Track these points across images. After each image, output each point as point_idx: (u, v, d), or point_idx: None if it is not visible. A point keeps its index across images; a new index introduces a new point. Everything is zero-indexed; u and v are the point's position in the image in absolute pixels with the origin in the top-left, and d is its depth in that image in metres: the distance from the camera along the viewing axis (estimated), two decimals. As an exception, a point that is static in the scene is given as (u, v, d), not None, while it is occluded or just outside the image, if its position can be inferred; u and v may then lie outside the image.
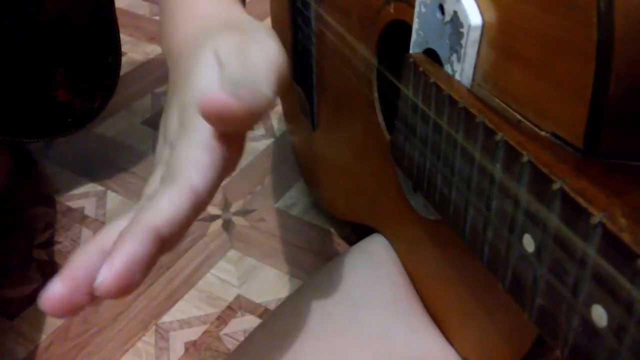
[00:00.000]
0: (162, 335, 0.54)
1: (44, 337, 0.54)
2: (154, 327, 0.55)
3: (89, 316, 0.56)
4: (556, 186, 0.21)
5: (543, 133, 0.25)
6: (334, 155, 0.56)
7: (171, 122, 0.28)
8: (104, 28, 0.63)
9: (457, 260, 0.36)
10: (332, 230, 0.64)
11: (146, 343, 0.54)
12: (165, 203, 0.24)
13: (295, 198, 0.68)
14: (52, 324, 0.55)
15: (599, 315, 0.19)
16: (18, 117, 0.61)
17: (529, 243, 0.23)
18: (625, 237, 0.18)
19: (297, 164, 0.69)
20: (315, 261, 0.60)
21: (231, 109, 0.23)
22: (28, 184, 0.71)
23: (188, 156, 0.25)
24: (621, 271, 0.18)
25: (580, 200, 0.20)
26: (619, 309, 0.18)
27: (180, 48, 0.31)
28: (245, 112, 0.24)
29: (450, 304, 0.39)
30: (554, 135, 0.24)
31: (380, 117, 0.42)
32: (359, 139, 0.48)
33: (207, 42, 0.29)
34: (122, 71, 0.85)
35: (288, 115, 0.70)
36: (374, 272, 0.45)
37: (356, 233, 0.60)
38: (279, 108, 0.80)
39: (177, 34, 0.33)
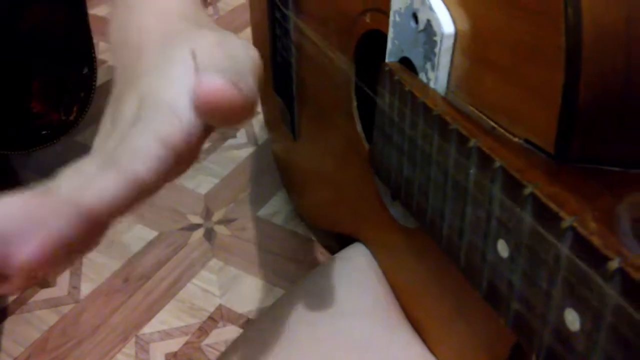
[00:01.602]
0: (143, 347, 0.54)
1: (21, 350, 0.54)
2: (134, 339, 0.54)
3: (68, 328, 0.55)
4: (527, 191, 0.21)
5: (516, 139, 0.25)
6: (315, 165, 0.56)
7: (124, 113, 0.26)
8: (78, 39, 0.63)
9: (437, 268, 0.36)
10: (315, 238, 0.63)
11: (126, 355, 0.53)
12: (101, 184, 0.21)
13: (277, 206, 0.68)
14: (30, 337, 0.54)
15: (572, 319, 0.19)
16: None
17: (503, 249, 0.23)
18: (596, 241, 0.18)
19: (279, 172, 0.69)
20: (297, 270, 0.60)
21: (231, 98, 0.22)
22: (7, 193, 0.70)
23: (139, 146, 0.22)
24: (592, 274, 0.18)
25: (552, 205, 0.20)
26: (590, 313, 0.18)
27: (142, 41, 0.29)
28: (242, 103, 0.22)
29: (430, 311, 0.39)
30: (527, 141, 0.25)
31: (359, 127, 0.43)
32: (340, 148, 0.48)
33: (182, 40, 0.27)
34: (103, 79, 0.84)
35: (269, 124, 0.70)
36: (355, 281, 0.45)
37: (338, 242, 0.60)
38: (261, 116, 0.80)
39: (135, 25, 0.31)
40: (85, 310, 0.57)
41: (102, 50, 0.93)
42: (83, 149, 0.23)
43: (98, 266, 0.61)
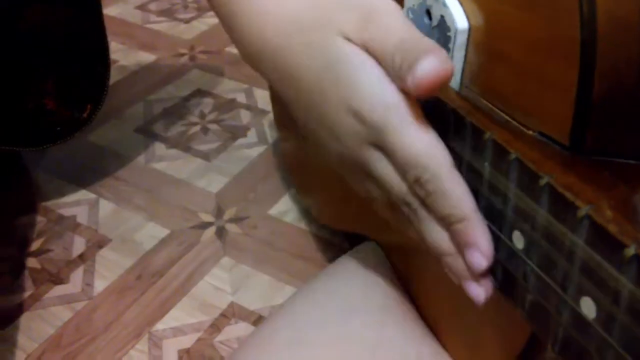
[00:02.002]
0: (156, 343, 0.54)
1: (35, 346, 0.54)
2: (147, 335, 0.55)
3: (82, 325, 0.56)
4: (543, 181, 0.21)
5: (530, 132, 0.25)
6: (325, 164, 0.56)
7: (350, 131, 0.29)
8: (90, 36, 0.63)
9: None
10: (326, 237, 0.64)
11: (139, 351, 0.54)
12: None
13: (288, 205, 0.68)
14: (44, 333, 0.55)
15: (588, 307, 0.20)
16: (6, 126, 0.61)
17: (518, 239, 0.23)
18: (612, 229, 0.18)
19: (288, 172, 0.70)
20: (308, 268, 0.60)
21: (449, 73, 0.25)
22: (20, 192, 0.71)
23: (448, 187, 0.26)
24: (608, 262, 0.18)
25: (568, 194, 0.20)
26: (607, 300, 0.19)
27: (282, 43, 0.31)
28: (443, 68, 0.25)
29: (443, 308, 0.39)
30: (541, 133, 0.25)
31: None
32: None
33: (336, 35, 0.28)
34: (114, 79, 0.85)
35: (279, 123, 0.71)
36: (367, 280, 0.45)
37: (349, 240, 0.60)
38: (270, 115, 0.80)
39: (264, 30, 0.32)
40: (98, 307, 0.57)
41: (114, 50, 0.94)
42: (95, 149, 0.23)
43: (111, 263, 0.62)
